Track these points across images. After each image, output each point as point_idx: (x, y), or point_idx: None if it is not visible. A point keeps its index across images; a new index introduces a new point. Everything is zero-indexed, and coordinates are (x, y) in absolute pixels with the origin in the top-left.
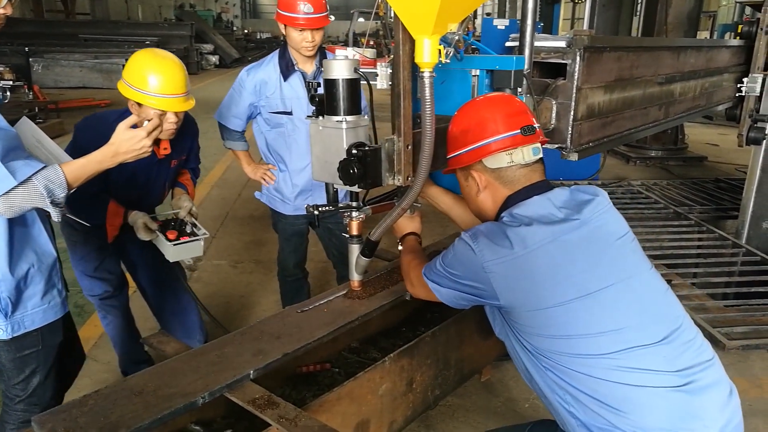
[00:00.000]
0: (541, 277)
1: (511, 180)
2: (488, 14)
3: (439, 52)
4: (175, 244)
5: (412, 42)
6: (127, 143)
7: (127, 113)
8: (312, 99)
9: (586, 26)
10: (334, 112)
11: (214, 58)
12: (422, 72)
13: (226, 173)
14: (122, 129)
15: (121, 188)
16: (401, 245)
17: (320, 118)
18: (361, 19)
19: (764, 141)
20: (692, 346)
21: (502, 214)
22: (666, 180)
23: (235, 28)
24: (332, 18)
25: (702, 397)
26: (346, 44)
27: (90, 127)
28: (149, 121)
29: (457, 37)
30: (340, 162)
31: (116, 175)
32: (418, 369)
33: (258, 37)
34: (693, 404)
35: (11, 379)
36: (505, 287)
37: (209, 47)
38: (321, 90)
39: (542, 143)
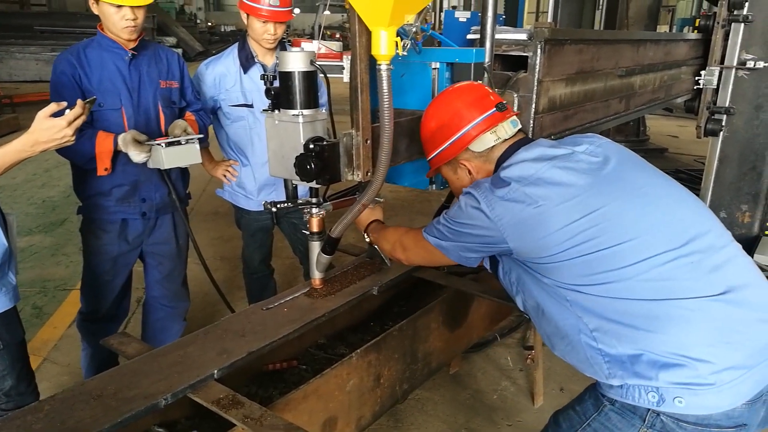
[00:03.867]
0: (543, 205)
1: (496, 156)
2: (454, 7)
3: (396, 45)
4: (167, 145)
5: (369, 34)
6: (46, 132)
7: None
8: (267, 92)
9: (549, 19)
10: (290, 105)
11: (177, 51)
12: (379, 65)
13: (190, 168)
14: (41, 118)
15: (106, 107)
16: (368, 236)
17: (276, 111)
18: (327, 12)
19: (721, 132)
20: (725, 253)
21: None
22: None
23: (198, 21)
24: (297, 11)
25: (742, 309)
26: (312, 37)
27: (63, 59)
28: (70, 109)
29: (414, 29)
30: (297, 157)
31: (97, 87)
32: (386, 364)
33: (222, 30)
34: (733, 316)
35: None
36: (512, 227)
37: (172, 40)
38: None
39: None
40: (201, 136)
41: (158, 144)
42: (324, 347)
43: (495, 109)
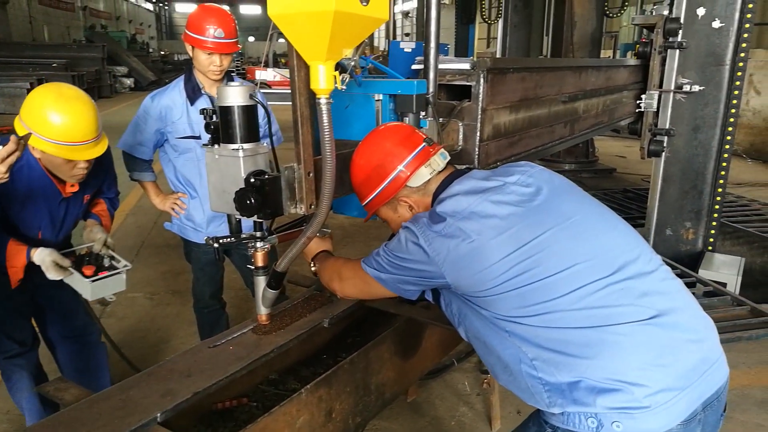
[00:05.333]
0: (477, 240)
1: (433, 188)
2: (407, 34)
3: (335, 78)
4: (93, 281)
5: (308, 68)
6: None
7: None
8: (207, 127)
9: (499, 46)
10: (231, 140)
11: (129, 81)
12: (319, 98)
13: (141, 200)
14: None
15: (22, 226)
16: (314, 265)
17: (216, 146)
18: (281, 40)
19: (663, 153)
20: (654, 277)
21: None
22: None
23: (151, 50)
24: (251, 39)
25: (672, 332)
26: (266, 65)
27: None
28: (3, 146)
29: (353, 63)
30: (236, 192)
31: (15, 212)
32: (337, 398)
33: (176, 58)
34: (664, 339)
35: None
36: (449, 263)
37: (123, 69)
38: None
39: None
40: (129, 267)
41: (85, 279)
42: (275, 383)
43: (424, 143)
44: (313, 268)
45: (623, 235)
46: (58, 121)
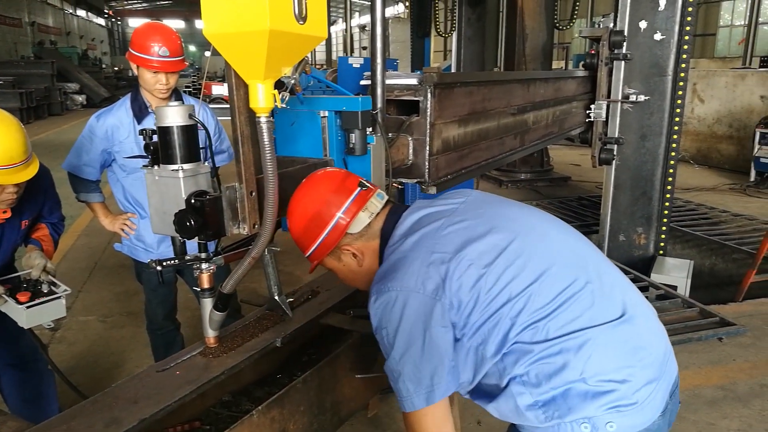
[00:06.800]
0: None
1: (375, 231)
2: (365, 47)
3: (275, 97)
4: (28, 307)
5: (246, 87)
6: None
7: None
8: (146, 147)
9: (454, 59)
10: (170, 160)
11: (81, 98)
12: (259, 117)
13: (93, 220)
14: None
15: None
16: None
17: (156, 167)
18: None
19: (614, 161)
20: (610, 277)
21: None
22: (535, 200)
23: (104, 66)
24: (208, 54)
25: (638, 326)
26: (223, 80)
27: None
28: None
29: (293, 81)
30: (176, 214)
31: None
32: (291, 418)
33: (130, 74)
34: (634, 335)
35: None
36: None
37: (74, 86)
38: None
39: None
40: (68, 291)
41: (19, 305)
42: (229, 405)
43: (358, 188)
44: None
45: (576, 238)
46: None
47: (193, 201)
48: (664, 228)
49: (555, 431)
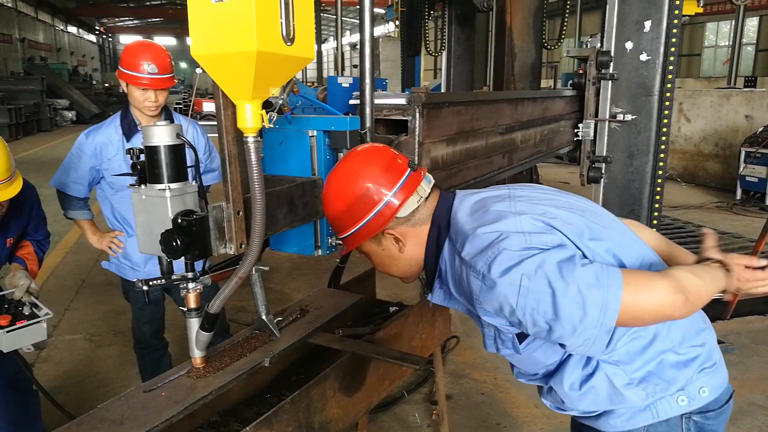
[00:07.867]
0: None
1: (423, 217)
2: (355, 66)
3: (262, 117)
4: (8, 331)
5: (234, 107)
6: None
7: None
8: (133, 167)
9: (444, 77)
10: (157, 180)
11: (71, 114)
12: (246, 137)
13: (81, 238)
14: None
15: None
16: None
17: (143, 186)
18: None
19: (602, 179)
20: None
21: (450, 232)
22: None
23: (94, 82)
24: (199, 71)
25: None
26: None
27: None
28: None
29: (281, 101)
30: (162, 234)
31: None
32: None
33: (120, 91)
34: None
35: None
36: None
37: (64, 102)
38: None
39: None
40: (50, 315)
41: None
42: (217, 425)
43: (409, 169)
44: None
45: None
46: None
47: (179, 220)
48: None
49: (653, 410)
